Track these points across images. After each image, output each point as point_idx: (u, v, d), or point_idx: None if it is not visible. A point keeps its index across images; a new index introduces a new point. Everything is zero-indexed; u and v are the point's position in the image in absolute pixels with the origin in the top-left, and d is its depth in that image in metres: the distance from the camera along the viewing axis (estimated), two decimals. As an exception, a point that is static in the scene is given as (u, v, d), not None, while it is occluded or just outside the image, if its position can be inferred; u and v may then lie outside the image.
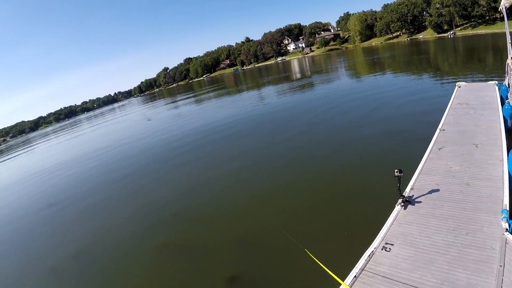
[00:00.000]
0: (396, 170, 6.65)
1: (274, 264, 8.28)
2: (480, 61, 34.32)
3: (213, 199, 13.38)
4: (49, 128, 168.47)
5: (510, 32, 13.15)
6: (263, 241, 9.37)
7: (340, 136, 17.26)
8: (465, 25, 76.58)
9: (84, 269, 10.65)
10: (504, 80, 14.73)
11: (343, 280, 5.09)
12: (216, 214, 12.07)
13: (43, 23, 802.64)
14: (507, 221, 5.43)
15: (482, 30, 67.69)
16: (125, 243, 11.66)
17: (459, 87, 15.46)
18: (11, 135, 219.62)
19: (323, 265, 5.31)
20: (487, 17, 71.35)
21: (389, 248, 5.60)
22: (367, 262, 5.40)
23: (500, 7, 12.89)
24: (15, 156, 61.98)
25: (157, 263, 9.86)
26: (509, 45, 13.49)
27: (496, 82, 14.73)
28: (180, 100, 72.97)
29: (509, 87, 12.75)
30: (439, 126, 10.90)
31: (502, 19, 63.40)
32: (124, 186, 18.42)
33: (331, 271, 5.08)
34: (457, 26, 77.46)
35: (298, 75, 64.01)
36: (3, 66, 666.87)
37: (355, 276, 5.15)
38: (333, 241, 8.37)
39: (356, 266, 5.39)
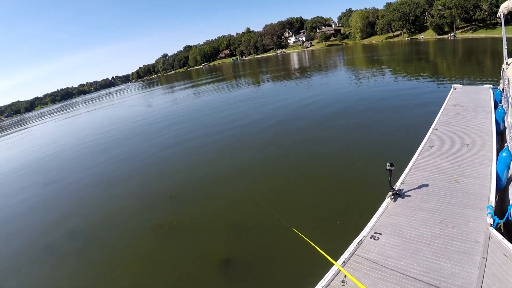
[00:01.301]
0: (388, 164, 6.82)
1: (267, 247, 8.52)
2: (478, 64, 34.55)
3: (208, 183, 13.63)
4: (45, 109, 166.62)
5: (506, 38, 13.33)
6: (257, 225, 9.64)
7: (337, 130, 17.43)
8: (465, 28, 76.94)
9: (80, 248, 10.72)
10: (499, 84, 15.02)
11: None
12: (211, 197, 12.33)
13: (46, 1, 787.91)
14: (492, 216, 5.66)
15: (482, 34, 68.06)
16: (120, 223, 11.83)
17: (455, 89, 15.73)
18: (6, 114, 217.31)
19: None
20: (488, 22, 71.67)
21: (378, 237, 5.83)
22: (356, 249, 5.63)
23: (499, 13, 13.01)
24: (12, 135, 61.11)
25: (153, 244, 9.99)
26: (505, 51, 13.72)
27: (491, 86, 14.99)
28: (178, 89, 72.58)
29: (503, 91, 13.01)
30: (433, 125, 11.15)
31: (502, 24, 63.74)
32: (119, 168, 18.48)
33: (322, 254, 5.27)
34: (458, 29, 77.79)
35: (297, 69, 63.91)
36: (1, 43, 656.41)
37: (344, 262, 5.37)
38: (325, 228, 8.65)
39: (346, 251, 5.61)
